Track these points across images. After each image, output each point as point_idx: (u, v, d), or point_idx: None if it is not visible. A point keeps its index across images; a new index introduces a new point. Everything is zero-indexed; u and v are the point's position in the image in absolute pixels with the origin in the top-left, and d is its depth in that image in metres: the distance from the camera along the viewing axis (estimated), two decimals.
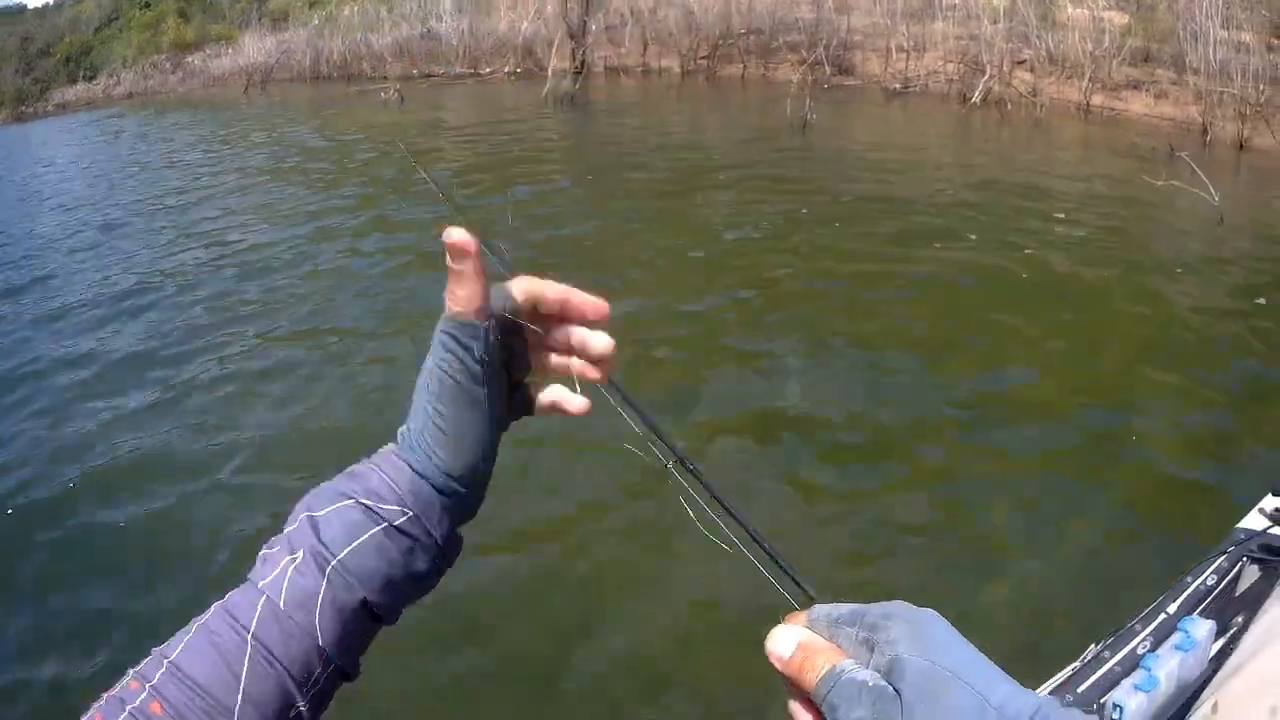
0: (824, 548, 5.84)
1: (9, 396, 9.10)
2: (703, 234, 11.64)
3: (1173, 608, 2.82)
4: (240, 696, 0.79)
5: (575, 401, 0.98)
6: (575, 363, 0.97)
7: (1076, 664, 2.63)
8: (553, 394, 0.99)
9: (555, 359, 0.98)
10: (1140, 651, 2.66)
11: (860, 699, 0.74)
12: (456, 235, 0.87)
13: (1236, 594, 2.91)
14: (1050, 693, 2.21)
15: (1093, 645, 2.79)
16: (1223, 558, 2.96)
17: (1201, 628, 2.58)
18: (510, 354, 0.95)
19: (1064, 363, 8.28)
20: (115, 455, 7.72)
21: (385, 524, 0.88)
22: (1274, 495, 3.26)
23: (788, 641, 0.82)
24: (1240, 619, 2.84)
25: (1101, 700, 2.34)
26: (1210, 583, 2.91)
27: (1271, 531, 3.01)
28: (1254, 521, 3.16)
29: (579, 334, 0.95)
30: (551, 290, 0.94)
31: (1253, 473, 5.91)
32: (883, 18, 29.71)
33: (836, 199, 13.49)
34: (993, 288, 9.98)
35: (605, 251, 11.04)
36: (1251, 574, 2.89)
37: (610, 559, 5.91)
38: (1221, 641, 2.76)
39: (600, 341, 0.95)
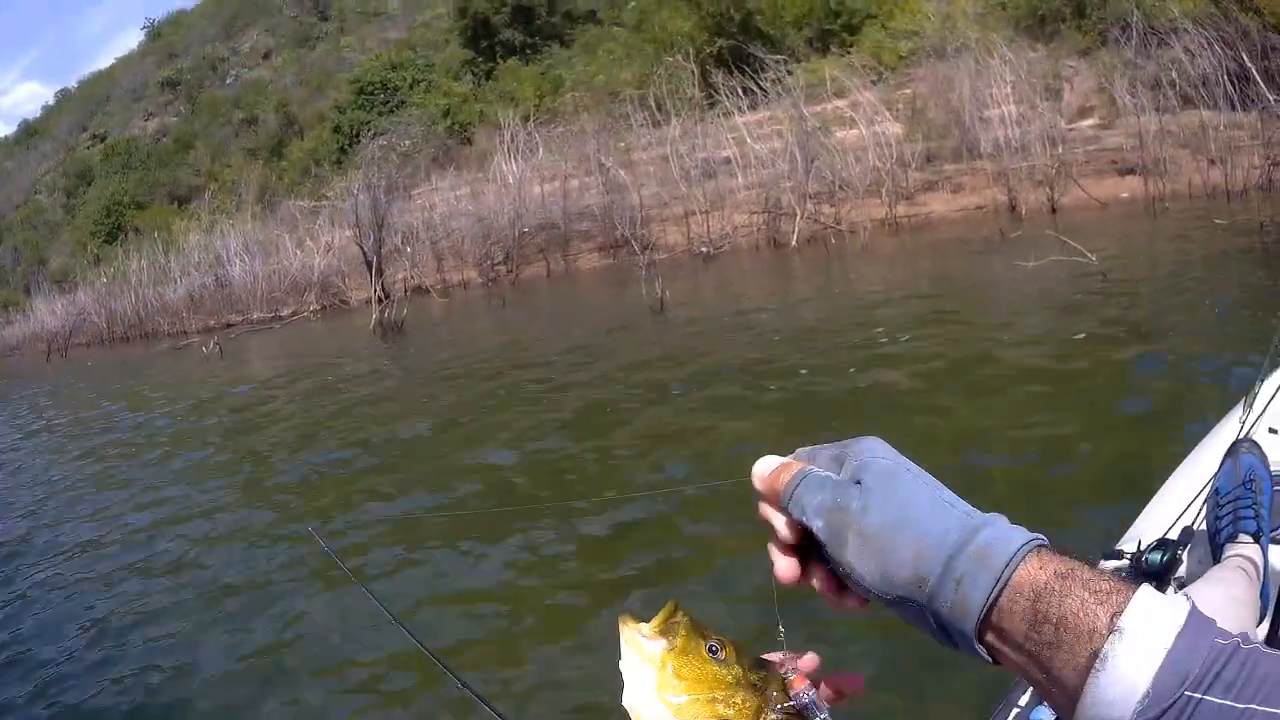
0: None
1: None
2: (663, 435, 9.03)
3: (1023, 700, 2.46)
4: None
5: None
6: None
7: None
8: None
9: None
10: None
11: (821, 487, 0.84)
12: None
13: None
14: None
15: None
16: None
17: (1051, 716, 2.23)
18: None
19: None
20: None
21: None
22: (1106, 560, 2.82)
23: (769, 463, 0.91)
24: None
25: None
26: None
27: None
28: None
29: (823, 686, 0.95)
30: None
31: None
32: (666, 186, 28.30)
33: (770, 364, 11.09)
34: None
35: None
36: None
37: None
38: None
39: (850, 687, 0.97)
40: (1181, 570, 2.67)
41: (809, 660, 0.93)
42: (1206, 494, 2.84)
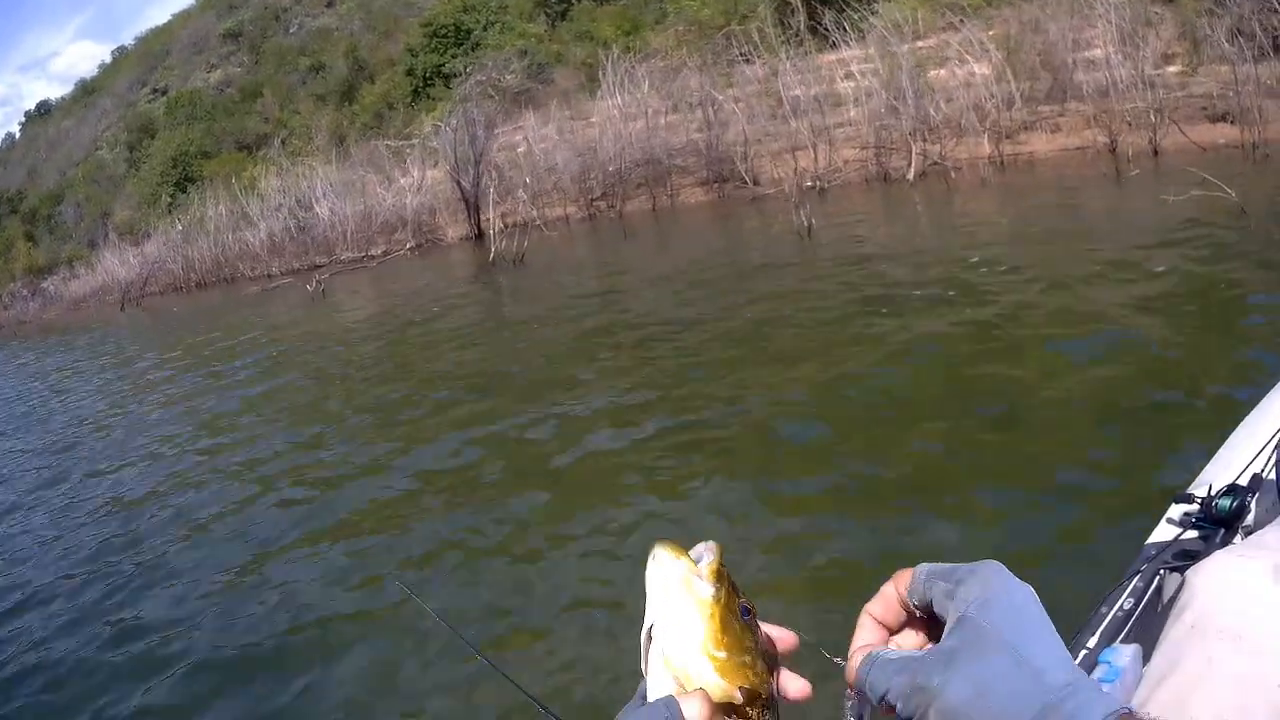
0: None
1: None
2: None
3: (1091, 641, 2.39)
4: None
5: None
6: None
7: None
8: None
9: None
10: None
11: (900, 669, 0.79)
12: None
13: (1160, 608, 2.47)
14: None
15: None
16: (1137, 578, 2.55)
17: (1124, 655, 2.15)
18: None
19: None
20: None
21: None
22: (1176, 503, 2.76)
23: (851, 662, 0.86)
24: None
25: None
26: (1128, 606, 2.48)
27: (1185, 537, 2.62)
28: (1164, 533, 2.74)
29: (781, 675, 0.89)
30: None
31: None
32: (761, 123, 26.73)
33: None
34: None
35: None
36: (1174, 584, 2.42)
37: None
38: None
39: (796, 688, 0.87)
40: (1250, 518, 2.56)
41: (790, 638, 0.90)
42: (1278, 441, 2.68)
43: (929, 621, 0.85)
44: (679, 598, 0.82)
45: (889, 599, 0.87)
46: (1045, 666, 0.73)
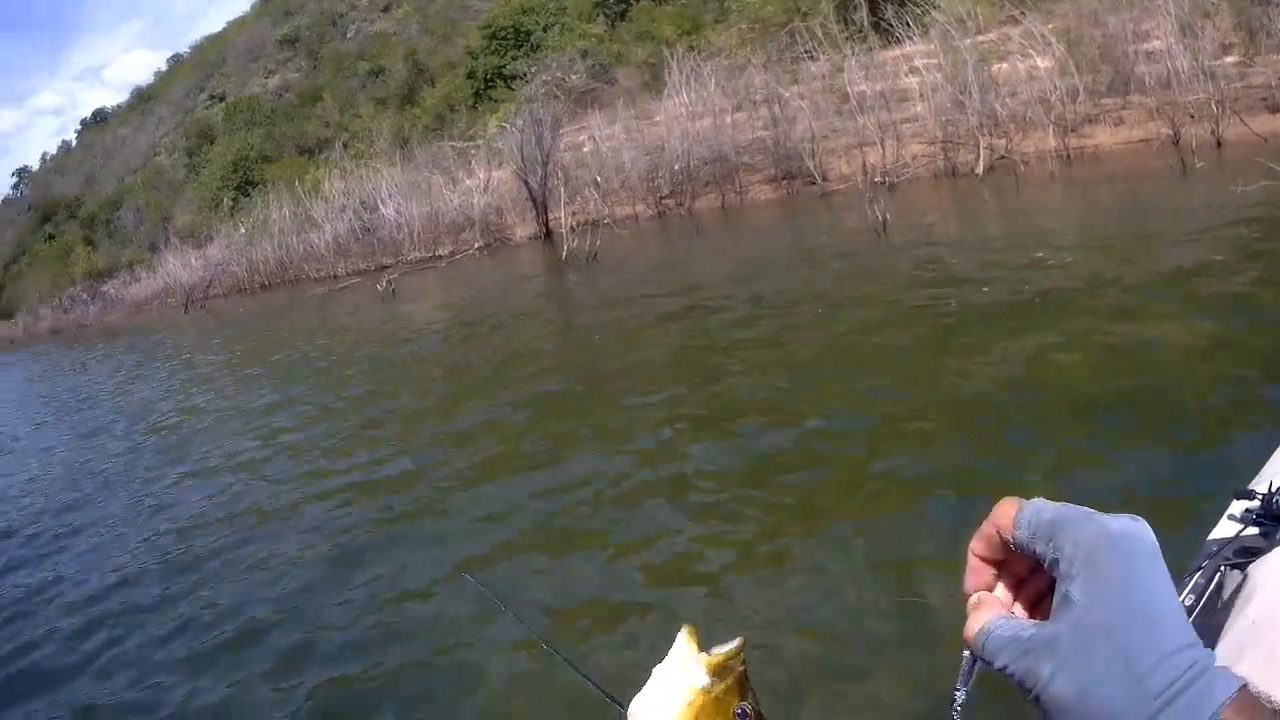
0: None
1: None
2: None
3: None
4: None
5: None
6: None
7: None
8: None
9: None
10: None
11: (1012, 647, 0.77)
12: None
13: (1221, 605, 2.05)
14: None
15: None
16: (1198, 575, 2.16)
17: None
18: None
19: None
20: None
21: None
22: (1238, 499, 2.35)
23: (969, 623, 0.82)
24: None
25: None
26: (1189, 603, 2.06)
27: (1245, 534, 2.23)
28: (1225, 529, 2.36)
29: None
30: None
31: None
32: (826, 119, 26.78)
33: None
34: None
35: None
36: (1235, 580, 2.05)
37: None
38: None
39: None
40: None
41: None
42: None
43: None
44: (674, 680, 0.84)
45: (991, 540, 0.83)
46: (1151, 665, 0.71)
